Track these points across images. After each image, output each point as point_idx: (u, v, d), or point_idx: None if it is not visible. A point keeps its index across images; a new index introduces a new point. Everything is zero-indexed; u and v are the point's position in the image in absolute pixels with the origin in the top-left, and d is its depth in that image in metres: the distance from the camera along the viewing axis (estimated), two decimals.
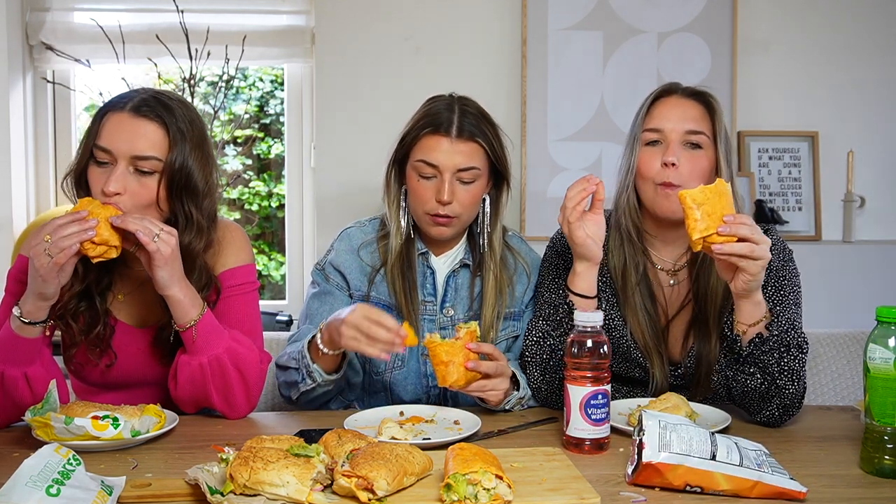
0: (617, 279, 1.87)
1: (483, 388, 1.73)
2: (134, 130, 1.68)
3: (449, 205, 1.88)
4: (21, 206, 3.10)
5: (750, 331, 1.66)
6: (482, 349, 1.72)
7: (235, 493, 1.21)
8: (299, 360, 1.80)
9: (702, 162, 1.80)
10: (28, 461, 1.19)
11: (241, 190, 3.55)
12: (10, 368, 1.65)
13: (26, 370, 1.65)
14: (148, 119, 1.69)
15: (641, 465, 1.32)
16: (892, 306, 1.40)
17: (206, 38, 3.00)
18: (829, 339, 2.36)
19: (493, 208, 1.99)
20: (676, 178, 1.77)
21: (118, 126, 1.68)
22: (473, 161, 1.89)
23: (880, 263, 3.11)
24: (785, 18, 3.17)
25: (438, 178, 1.88)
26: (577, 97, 3.11)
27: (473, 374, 1.70)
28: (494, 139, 1.92)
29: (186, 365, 1.71)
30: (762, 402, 1.67)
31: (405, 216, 1.97)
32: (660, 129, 1.81)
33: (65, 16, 3.13)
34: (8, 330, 1.64)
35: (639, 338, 1.85)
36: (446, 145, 1.88)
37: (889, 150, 3.21)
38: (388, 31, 3.08)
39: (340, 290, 1.98)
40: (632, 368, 1.88)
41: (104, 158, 1.68)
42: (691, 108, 1.82)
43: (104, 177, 1.67)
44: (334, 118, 3.07)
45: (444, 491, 1.23)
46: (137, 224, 1.61)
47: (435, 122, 1.89)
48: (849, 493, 1.34)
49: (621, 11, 3.11)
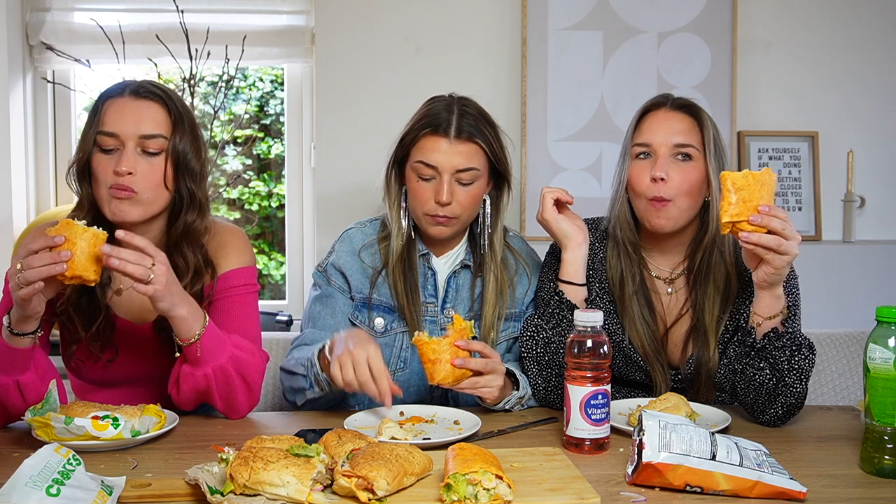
0: (615, 288, 1.89)
1: (475, 385, 1.72)
2: (138, 112, 1.71)
3: (448, 206, 1.88)
4: (21, 206, 3.10)
5: (766, 324, 1.67)
6: (472, 347, 1.70)
7: (235, 493, 1.21)
8: (308, 367, 1.79)
9: (692, 174, 1.80)
10: (28, 461, 1.19)
11: (241, 190, 3.55)
12: (1, 376, 1.62)
13: (18, 378, 1.63)
14: (150, 100, 1.73)
15: (641, 465, 1.32)
16: (892, 306, 1.40)
17: (206, 38, 3.00)
18: (829, 339, 2.36)
19: (493, 209, 1.99)
20: (666, 192, 1.79)
21: (122, 110, 1.71)
22: (472, 162, 1.88)
23: (880, 263, 3.11)
24: (785, 18, 3.17)
25: (437, 179, 1.87)
26: (577, 97, 3.11)
27: (462, 371, 1.69)
28: (494, 140, 1.92)
29: (190, 376, 1.69)
30: (768, 399, 1.68)
31: (406, 217, 1.97)
32: (648, 144, 1.83)
33: (65, 16, 3.13)
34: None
35: (638, 346, 1.87)
36: (445, 146, 1.87)
37: (889, 150, 3.21)
38: (388, 31, 3.08)
39: (342, 292, 1.97)
40: (633, 372, 1.89)
41: (110, 144, 1.70)
42: (679, 122, 1.83)
43: (112, 162, 1.69)
44: (334, 118, 3.07)
45: (444, 491, 1.23)
46: (131, 267, 1.54)
47: (434, 122, 1.88)
48: (849, 493, 1.34)
49: (621, 11, 3.11)
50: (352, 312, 1.97)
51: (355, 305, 1.97)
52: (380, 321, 1.95)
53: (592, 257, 1.91)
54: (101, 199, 1.72)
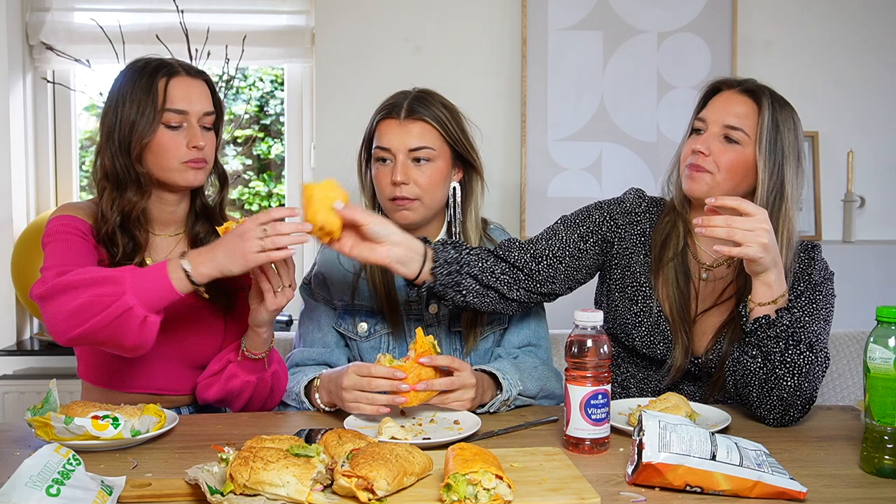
0: (655, 248, 1.89)
1: (445, 402, 1.68)
2: (200, 90, 1.82)
3: (406, 185, 1.87)
4: (21, 206, 3.10)
5: (758, 309, 1.67)
6: (437, 362, 1.65)
7: (235, 493, 1.21)
8: (299, 403, 1.82)
9: (734, 156, 1.80)
10: (28, 461, 1.19)
11: (241, 190, 3.55)
12: (153, 315, 1.60)
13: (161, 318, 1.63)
14: (201, 79, 1.85)
15: (641, 465, 1.32)
16: (892, 306, 1.40)
17: (206, 38, 3.00)
18: (830, 338, 2.36)
19: (464, 197, 1.98)
20: (705, 163, 1.80)
21: (187, 88, 1.80)
22: (424, 140, 1.89)
23: (880, 263, 3.11)
24: (785, 18, 3.17)
25: (393, 160, 1.89)
26: (577, 97, 3.11)
27: (428, 392, 1.65)
28: (449, 121, 1.92)
29: (234, 377, 1.79)
30: (761, 391, 1.67)
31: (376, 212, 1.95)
32: (704, 119, 1.84)
33: (65, 16, 3.13)
34: (160, 279, 1.59)
35: (666, 309, 1.86)
36: (395, 127, 1.89)
37: (889, 150, 3.21)
38: (388, 31, 3.08)
39: (326, 303, 1.97)
40: (656, 342, 1.87)
41: (178, 121, 1.78)
42: (739, 105, 1.82)
43: (181, 137, 1.78)
44: (334, 118, 3.07)
45: (444, 491, 1.23)
46: (271, 275, 1.70)
47: (388, 107, 1.92)
48: (849, 493, 1.34)
49: (621, 11, 3.11)
50: (335, 321, 1.96)
51: (338, 314, 1.96)
52: (363, 325, 1.94)
53: (641, 229, 1.92)
54: (171, 171, 1.79)
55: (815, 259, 1.86)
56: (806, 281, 1.81)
